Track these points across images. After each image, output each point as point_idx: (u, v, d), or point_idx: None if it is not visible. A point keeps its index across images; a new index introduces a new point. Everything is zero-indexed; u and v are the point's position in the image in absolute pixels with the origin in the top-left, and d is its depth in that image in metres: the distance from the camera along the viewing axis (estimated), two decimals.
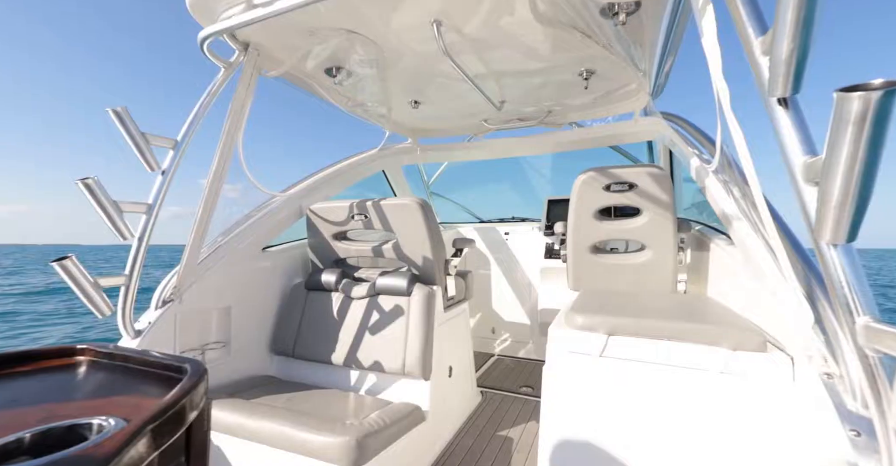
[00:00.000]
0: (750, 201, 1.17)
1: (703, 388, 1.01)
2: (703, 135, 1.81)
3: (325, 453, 1.27)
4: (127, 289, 1.46)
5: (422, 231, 1.93)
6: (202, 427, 0.51)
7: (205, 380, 0.50)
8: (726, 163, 1.40)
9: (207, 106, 1.64)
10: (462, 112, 2.80)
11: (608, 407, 1.09)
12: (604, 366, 1.10)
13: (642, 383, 1.07)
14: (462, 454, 1.82)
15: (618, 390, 1.08)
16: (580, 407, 1.11)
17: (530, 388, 2.55)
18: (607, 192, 1.72)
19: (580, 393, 1.12)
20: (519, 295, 3.34)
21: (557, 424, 1.14)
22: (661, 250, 1.71)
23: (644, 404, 1.06)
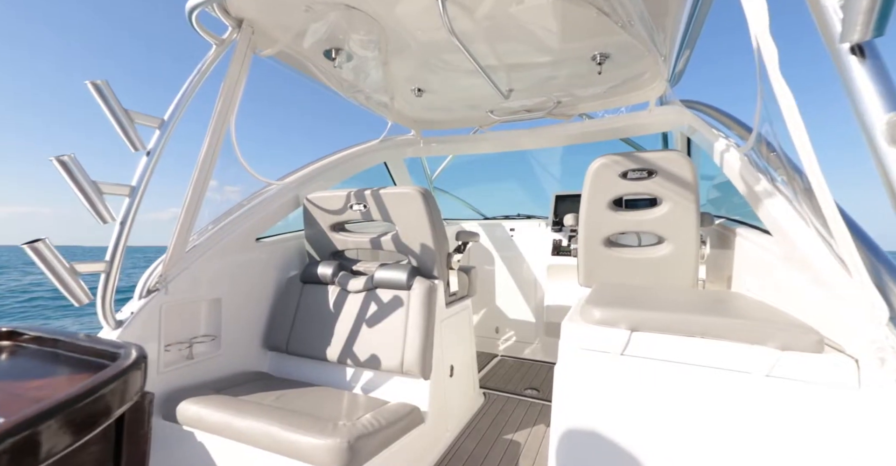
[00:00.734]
0: (799, 185, 1.03)
1: (744, 393, 0.87)
2: (733, 119, 1.67)
3: (313, 455, 1.17)
4: (107, 277, 1.37)
5: (423, 221, 1.82)
6: (139, 429, 0.41)
7: (140, 369, 0.39)
8: (764, 145, 1.27)
9: (197, 84, 1.54)
10: (467, 102, 2.70)
11: (630, 413, 0.96)
12: (625, 366, 0.98)
13: (671, 386, 0.94)
14: (464, 458, 1.70)
15: (642, 393, 0.96)
16: (597, 412, 0.99)
17: (536, 391, 2.43)
18: (624, 180, 1.60)
19: (597, 396, 1.00)
20: (524, 293, 3.22)
21: (571, 430, 1.02)
22: (682, 243, 1.58)
23: (673, 410, 0.93)
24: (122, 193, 1.37)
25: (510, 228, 3.34)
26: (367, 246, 2.00)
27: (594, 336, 1.02)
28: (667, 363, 0.95)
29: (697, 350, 0.93)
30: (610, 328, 1.00)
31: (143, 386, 0.40)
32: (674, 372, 0.94)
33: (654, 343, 0.96)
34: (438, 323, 1.80)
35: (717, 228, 1.82)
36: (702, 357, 0.92)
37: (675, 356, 0.95)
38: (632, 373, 0.97)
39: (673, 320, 0.97)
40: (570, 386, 1.04)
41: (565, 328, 1.07)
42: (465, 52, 1.75)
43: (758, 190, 1.31)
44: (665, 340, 0.96)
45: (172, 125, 1.48)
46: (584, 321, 1.06)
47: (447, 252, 1.94)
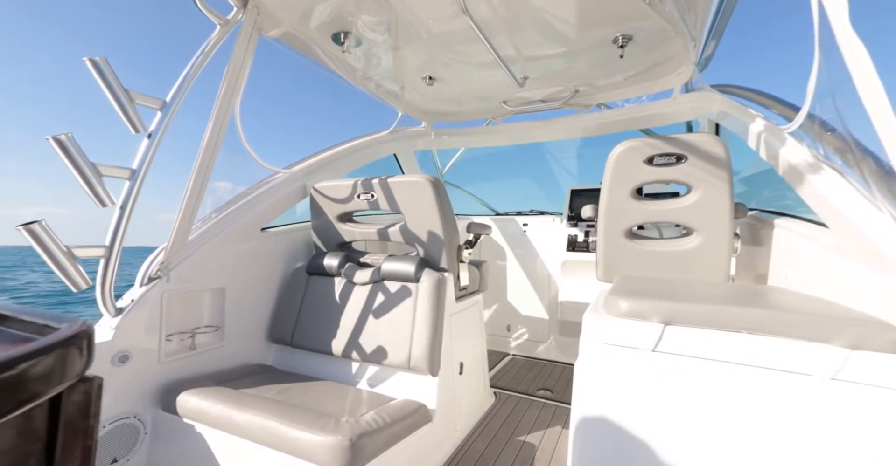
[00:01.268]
0: (871, 168, 0.89)
1: (802, 398, 0.75)
2: (775, 99, 1.53)
3: (313, 453, 1.10)
4: (107, 262, 1.32)
5: (433, 211, 1.74)
6: (82, 420, 0.34)
7: (79, 347, 0.32)
8: (817, 124, 1.14)
9: (200, 65, 1.49)
10: (479, 93, 2.61)
11: (663, 416, 0.86)
12: (658, 364, 0.87)
13: (711, 387, 0.83)
14: (474, 459, 1.62)
15: (677, 394, 0.85)
16: (624, 414, 0.89)
17: (549, 391, 2.33)
18: (649, 166, 1.48)
19: (624, 397, 0.89)
20: (537, 290, 3.11)
21: (593, 433, 0.92)
22: (712, 235, 1.45)
23: (713, 415, 0.82)
24: (123, 176, 1.32)
25: (523, 223, 3.23)
26: (374, 237, 1.93)
27: (621, 330, 0.91)
28: (706, 361, 0.83)
29: (744, 347, 0.81)
30: (639, 321, 0.90)
31: (85, 367, 0.32)
32: (715, 371, 0.82)
33: (691, 338, 0.85)
34: (448, 318, 1.71)
35: (749, 220, 1.69)
36: (749, 355, 0.81)
37: (716, 354, 0.83)
38: (665, 372, 0.86)
39: (714, 313, 0.85)
40: (592, 384, 0.93)
41: (587, 321, 0.97)
42: (478, 32, 1.66)
43: (808, 175, 1.17)
44: (705, 336, 0.85)
45: (175, 107, 1.43)
46: (608, 313, 0.95)
47: (458, 244, 1.86)
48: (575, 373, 0.97)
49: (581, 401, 0.95)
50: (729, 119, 1.89)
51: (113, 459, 1.35)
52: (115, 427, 1.35)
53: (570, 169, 4.05)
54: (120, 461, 1.36)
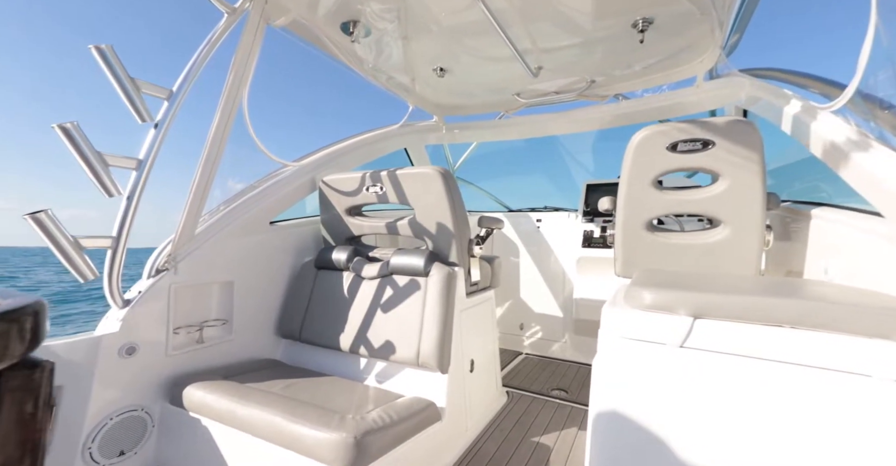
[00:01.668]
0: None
1: (860, 401, 0.66)
2: (816, 77, 1.41)
3: (318, 450, 1.06)
4: (114, 253, 1.31)
5: (443, 204, 1.68)
6: (26, 407, 0.29)
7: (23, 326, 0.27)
8: (870, 101, 1.03)
9: (207, 55, 1.47)
10: (492, 85, 2.54)
11: (691, 418, 0.78)
12: (686, 361, 0.79)
13: (747, 388, 0.74)
14: (485, 460, 1.56)
15: (707, 396, 0.77)
16: (648, 417, 0.82)
17: (564, 391, 2.25)
18: (673, 153, 1.38)
19: (648, 397, 0.82)
20: (551, 288, 3.02)
21: (613, 435, 0.85)
22: (742, 226, 1.34)
23: (750, 420, 0.74)
24: (129, 166, 1.31)
25: (537, 219, 3.15)
26: (383, 230, 1.89)
27: (644, 323, 0.84)
28: (742, 359, 0.75)
29: (786, 343, 0.73)
30: (665, 314, 0.82)
31: (28, 349, 0.28)
32: (752, 370, 0.74)
33: (725, 333, 0.77)
34: (458, 314, 1.66)
35: (782, 212, 1.58)
36: (792, 352, 0.72)
37: (753, 350, 0.75)
38: (694, 370, 0.78)
39: (751, 304, 0.76)
40: (612, 382, 0.86)
41: (607, 314, 0.90)
42: (492, 20, 1.60)
43: (858, 158, 1.06)
44: (740, 330, 0.76)
45: (182, 97, 1.41)
46: (629, 305, 0.88)
47: (468, 238, 1.80)
48: (593, 371, 0.89)
49: (600, 401, 0.88)
50: (760, 104, 1.76)
51: (120, 451, 1.34)
52: (122, 419, 1.34)
53: (585, 164, 3.95)
54: (127, 453, 1.35)
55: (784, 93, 1.57)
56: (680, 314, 0.81)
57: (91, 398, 1.27)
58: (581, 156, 3.98)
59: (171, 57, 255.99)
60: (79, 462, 1.24)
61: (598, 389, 0.88)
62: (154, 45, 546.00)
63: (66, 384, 1.26)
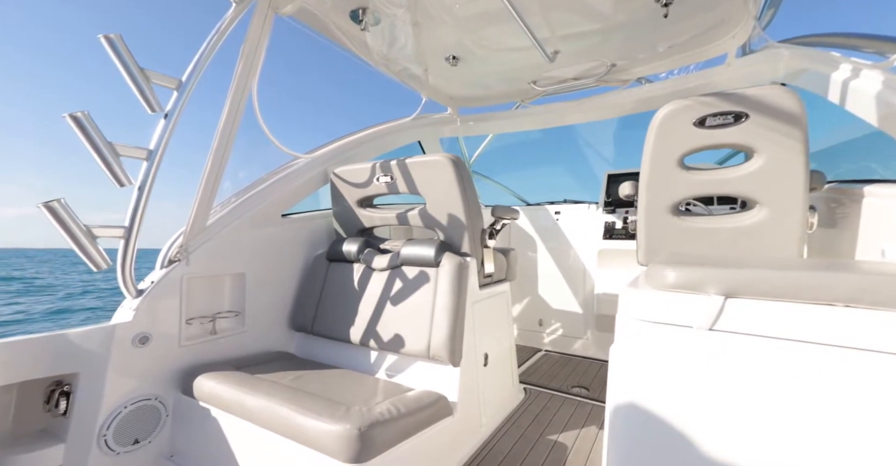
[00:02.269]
0: None
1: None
2: (873, 37, 1.26)
3: (320, 441, 1.02)
4: (126, 243, 1.32)
5: (454, 192, 1.63)
6: None
7: None
8: None
9: (216, 45, 1.47)
10: (506, 74, 2.46)
11: (724, 412, 0.69)
12: (716, 346, 0.70)
13: (793, 376, 0.65)
14: (499, 458, 1.49)
15: (741, 384, 0.68)
16: (674, 409, 0.73)
17: (585, 389, 2.15)
18: (701, 129, 1.27)
19: (674, 387, 0.73)
20: (571, 282, 2.92)
21: (634, 432, 0.77)
22: (782, 207, 1.21)
23: (796, 412, 0.64)
24: (140, 156, 1.31)
25: (555, 211, 3.05)
26: (394, 221, 1.85)
27: (668, 304, 0.75)
28: (784, 342, 0.65)
29: (839, 324, 0.62)
30: (692, 294, 0.73)
31: None
32: (795, 355, 0.64)
33: (762, 313, 0.68)
34: (470, 305, 1.60)
35: (828, 193, 1.43)
36: (847, 334, 0.62)
37: (797, 332, 0.65)
38: (725, 355, 0.69)
39: (797, 280, 0.66)
40: (631, 371, 0.78)
41: (625, 296, 0.81)
42: (505, 2, 1.53)
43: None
44: (782, 310, 0.67)
45: (191, 87, 1.41)
46: (650, 286, 0.79)
47: (481, 228, 1.74)
48: (610, 359, 0.81)
49: (618, 392, 0.80)
50: (804, 76, 1.59)
51: (135, 440, 1.35)
52: (136, 407, 1.35)
53: (605, 154, 3.81)
54: (142, 442, 1.36)
55: (831, 57, 1.41)
56: (709, 293, 0.72)
57: (105, 386, 1.28)
58: (601, 147, 3.85)
59: (179, 48, 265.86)
60: (95, 449, 1.26)
61: (615, 379, 0.80)
62: (163, 35, 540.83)
63: (82, 371, 1.28)
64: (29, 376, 1.21)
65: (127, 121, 47.32)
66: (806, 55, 1.58)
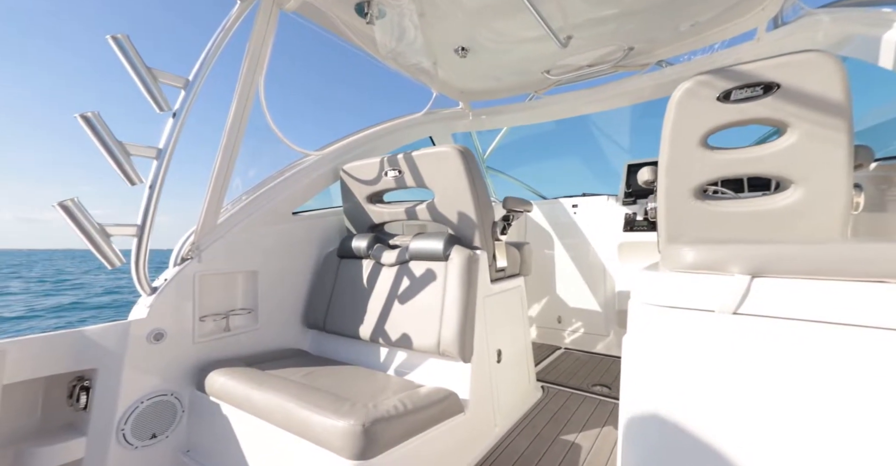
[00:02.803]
0: None
1: None
2: None
3: (325, 437, 1.00)
4: (139, 241, 1.35)
5: (462, 184, 1.58)
6: None
7: None
8: None
9: (222, 42, 1.47)
10: (518, 64, 2.39)
11: (751, 407, 0.62)
12: (742, 331, 0.62)
13: (834, 364, 0.56)
14: (514, 458, 1.44)
15: (775, 374, 0.60)
16: (694, 405, 0.66)
17: (606, 387, 2.06)
18: (726, 104, 1.15)
19: (693, 380, 0.66)
20: (591, 278, 2.82)
21: (650, 430, 0.71)
22: (822, 186, 1.08)
23: (838, 405, 0.56)
24: (150, 155, 1.33)
25: (572, 205, 2.95)
26: (403, 216, 1.82)
27: (687, 287, 0.67)
28: (821, 325, 0.57)
29: (891, 303, 0.53)
30: (713, 274, 0.66)
31: None
32: (836, 339, 0.56)
33: (797, 293, 0.59)
34: (481, 300, 1.55)
35: (877, 171, 1.29)
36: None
37: (838, 313, 0.56)
38: (752, 341, 0.61)
39: (839, 254, 0.58)
40: (646, 362, 0.71)
41: (639, 279, 0.74)
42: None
43: None
44: (818, 289, 0.58)
45: (198, 85, 1.42)
46: (669, 268, 0.72)
47: (492, 219, 1.68)
48: (623, 350, 0.75)
49: (632, 386, 0.73)
50: (851, 43, 1.43)
51: (152, 434, 1.37)
52: (152, 403, 1.37)
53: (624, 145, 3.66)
54: (159, 436, 1.39)
55: (883, 16, 1.26)
56: (733, 272, 0.64)
57: (122, 381, 1.31)
58: (619, 137, 3.70)
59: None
60: (114, 443, 1.28)
61: (629, 372, 0.73)
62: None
63: (100, 367, 1.31)
64: (53, 371, 1.25)
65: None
66: (851, 18, 1.42)
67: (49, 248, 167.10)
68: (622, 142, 3.71)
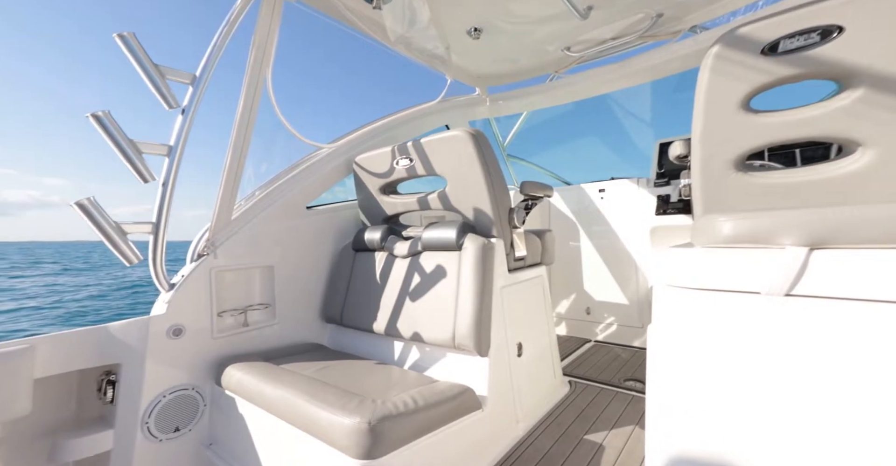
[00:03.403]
0: None
1: None
2: None
3: (331, 436, 0.96)
4: (155, 239, 1.36)
5: (475, 169, 1.50)
6: None
7: None
8: None
9: (227, 35, 1.46)
10: (536, 43, 2.25)
11: (815, 412, 0.50)
12: (800, 317, 0.50)
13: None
14: (537, 458, 1.35)
15: (844, 372, 0.47)
16: (730, 407, 0.55)
17: (640, 382, 1.93)
18: (772, 57, 0.97)
19: (734, 378, 0.55)
20: (621, 266, 2.65)
21: (679, 435, 0.61)
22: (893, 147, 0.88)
23: None
24: (161, 152, 1.34)
25: (599, 189, 2.78)
26: (415, 207, 1.76)
27: (724, 264, 0.55)
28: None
29: None
30: (759, 247, 0.54)
31: None
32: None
33: (869, 268, 0.46)
34: (499, 291, 1.47)
35: None
36: None
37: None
38: (813, 330, 0.49)
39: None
40: (675, 355, 0.60)
41: (666, 258, 0.63)
42: None
43: None
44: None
45: (205, 80, 1.41)
46: (702, 243, 0.60)
47: (508, 206, 1.59)
48: (648, 341, 0.64)
49: (659, 384, 0.63)
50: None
51: (176, 427, 1.40)
52: (174, 397, 1.39)
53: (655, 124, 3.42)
54: (182, 430, 1.41)
55: None
56: (784, 244, 0.51)
57: (145, 376, 1.34)
58: (647, 116, 3.45)
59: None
60: (139, 436, 1.32)
61: (655, 367, 0.63)
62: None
63: (124, 362, 1.34)
64: (84, 365, 1.29)
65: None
66: None
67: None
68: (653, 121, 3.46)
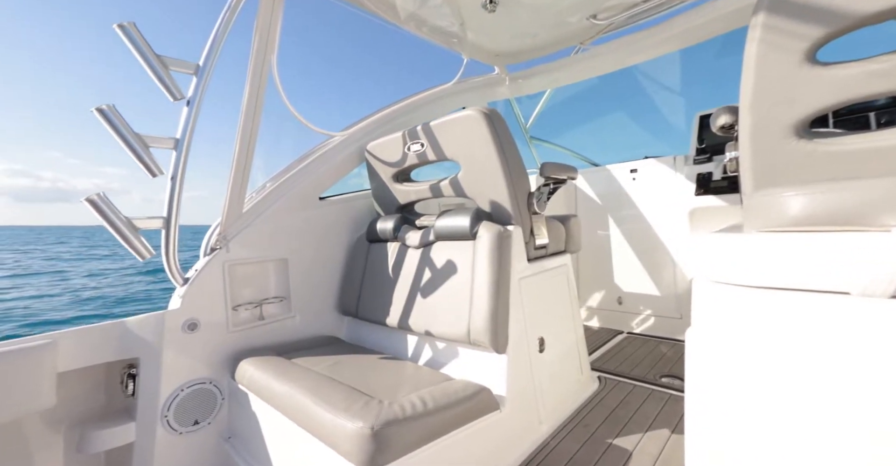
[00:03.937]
0: None
1: None
2: None
3: (335, 440, 0.91)
4: (167, 233, 1.35)
5: (490, 151, 1.38)
6: None
7: None
8: None
9: (229, 23, 1.40)
10: (558, 14, 2.07)
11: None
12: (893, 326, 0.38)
13: None
14: (561, 463, 1.26)
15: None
16: (809, 438, 0.43)
17: (679, 379, 1.78)
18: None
19: (806, 403, 0.43)
20: (657, 253, 2.46)
21: (727, 443, 0.49)
22: None
23: None
24: (167, 146, 1.32)
25: (631, 170, 2.58)
26: (428, 194, 1.67)
27: (794, 253, 0.43)
28: None
29: None
30: (845, 231, 0.41)
31: None
32: None
33: None
34: (517, 281, 1.36)
35: None
36: None
37: None
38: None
39: None
40: (723, 371, 0.48)
41: (707, 246, 0.51)
42: None
43: None
44: None
45: (209, 70, 1.37)
46: (758, 227, 0.48)
47: (527, 190, 1.47)
48: (687, 349, 0.53)
49: (697, 387, 0.51)
50: None
51: (195, 420, 1.41)
52: (192, 390, 1.40)
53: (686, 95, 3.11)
54: (201, 423, 1.42)
55: None
56: (890, 226, 0.38)
57: (162, 370, 1.35)
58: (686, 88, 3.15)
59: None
60: (160, 428, 1.33)
61: (695, 384, 0.51)
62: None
63: (142, 356, 1.35)
64: (108, 358, 1.31)
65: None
66: None
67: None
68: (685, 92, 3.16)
